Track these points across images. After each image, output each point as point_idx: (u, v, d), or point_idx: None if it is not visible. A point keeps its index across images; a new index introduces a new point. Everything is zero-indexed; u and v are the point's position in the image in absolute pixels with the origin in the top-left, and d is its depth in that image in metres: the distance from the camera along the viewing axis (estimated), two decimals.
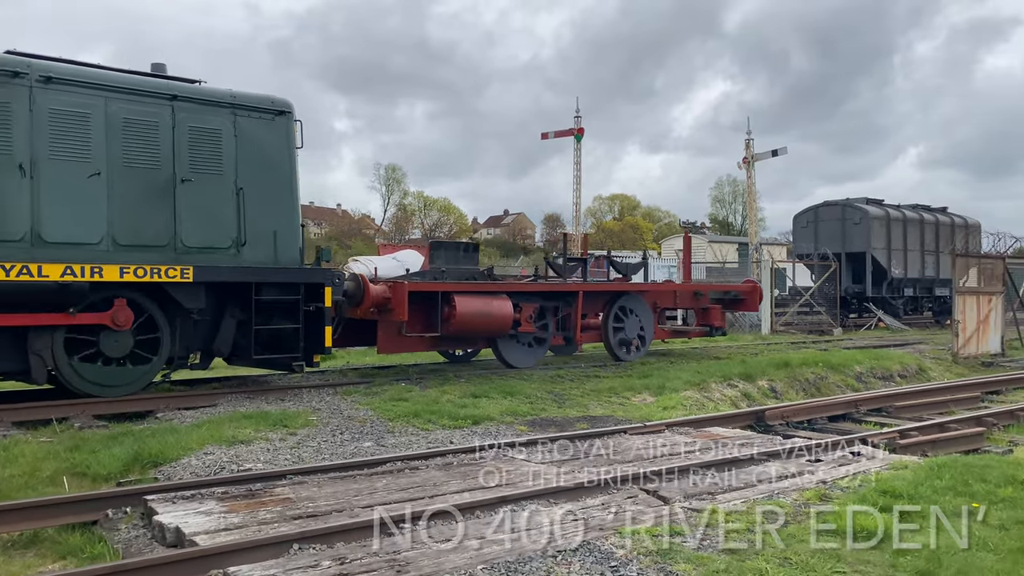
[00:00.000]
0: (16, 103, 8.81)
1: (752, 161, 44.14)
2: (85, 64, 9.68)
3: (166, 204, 9.69)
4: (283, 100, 10.84)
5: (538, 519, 5.21)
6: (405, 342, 12.35)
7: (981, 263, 18.84)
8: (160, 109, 9.74)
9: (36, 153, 8.88)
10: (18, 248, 8.68)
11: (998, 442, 9.13)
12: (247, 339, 10.27)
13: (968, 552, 4.59)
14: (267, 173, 10.48)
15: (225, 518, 5.19)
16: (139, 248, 9.46)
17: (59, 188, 9.00)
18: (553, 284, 14.57)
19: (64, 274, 8.72)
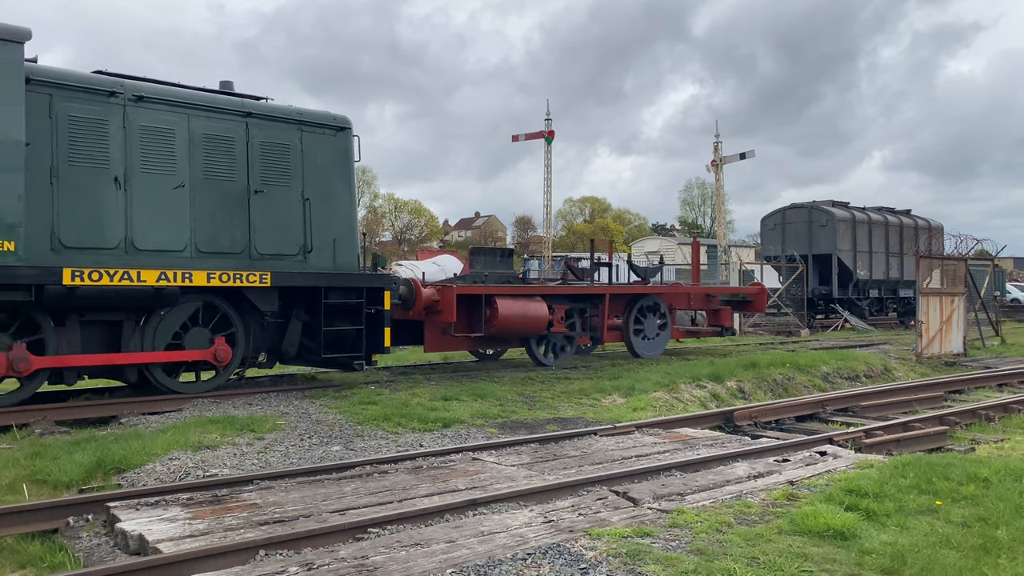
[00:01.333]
0: (112, 121, 9.49)
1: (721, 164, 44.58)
2: (169, 83, 10.38)
3: (241, 214, 10.43)
4: (343, 117, 11.64)
5: (508, 522, 5.19)
6: (450, 341, 13.26)
7: (944, 265, 19.17)
8: (235, 125, 10.49)
9: (129, 167, 9.56)
10: (113, 255, 9.37)
11: (961, 440, 9.29)
12: (311, 339, 10.96)
13: (932, 549, 4.65)
14: (329, 184, 11.25)
15: (190, 524, 5.11)
16: (218, 255, 10.17)
17: (148, 199, 9.67)
18: (583, 287, 15.22)
19: (159, 279, 9.40)
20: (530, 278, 15.82)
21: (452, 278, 14.19)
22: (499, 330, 13.09)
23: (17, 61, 8.66)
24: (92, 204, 9.31)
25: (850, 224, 28.16)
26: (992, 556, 4.60)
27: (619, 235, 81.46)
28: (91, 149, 9.35)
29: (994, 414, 10.67)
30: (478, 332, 12.99)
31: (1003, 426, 10.39)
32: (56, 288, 8.77)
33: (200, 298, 10.12)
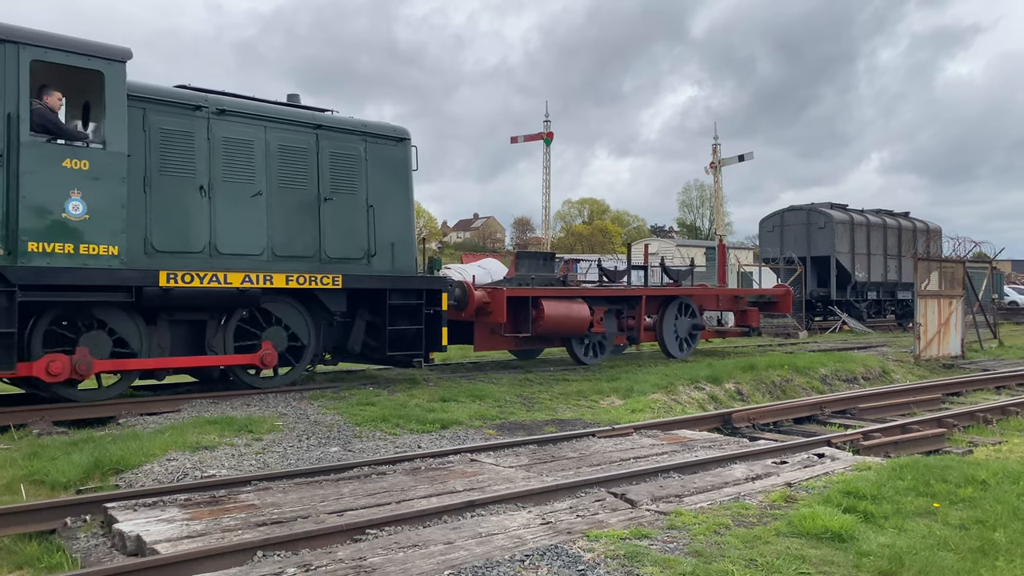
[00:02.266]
0: (197, 133, 10.11)
1: (719, 166, 44.62)
2: (247, 97, 11.00)
3: (312, 220, 11.04)
4: (403, 128, 12.28)
5: (506, 523, 5.19)
6: (499, 341, 14.00)
7: (942, 267, 19.20)
8: (307, 137, 11.12)
9: (213, 176, 10.15)
10: (199, 259, 9.97)
11: (958, 443, 9.29)
12: (372, 338, 11.58)
13: (929, 551, 4.65)
14: (390, 192, 11.86)
15: (187, 525, 5.10)
16: (292, 259, 10.77)
17: (230, 206, 10.27)
18: (622, 289, 15.96)
19: (243, 281, 10.02)
20: (569, 280, 16.32)
21: (500, 281, 14.85)
22: (544, 330, 13.69)
23: (121, 79, 9.28)
24: (180, 211, 9.91)
25: (848, 226, 28.18)
26: (990, 558, 4.60)
27: (617, 236, 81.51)
28: (179, 160, 9.95)
29: (992, 416, 10.68)
30: (525, 332, 13.59)
31: (1001, 428, 10.39)
32: (153, 289, 9.37)
33: (277, 299, 10.69)
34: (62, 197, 8.77)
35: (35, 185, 8.61)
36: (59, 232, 8.75)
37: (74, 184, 8.84)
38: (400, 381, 11.95)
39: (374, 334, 11.54)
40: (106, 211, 9.03)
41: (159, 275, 9.36)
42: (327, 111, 11.73)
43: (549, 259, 16.43)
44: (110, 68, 9.22)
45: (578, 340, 14.68)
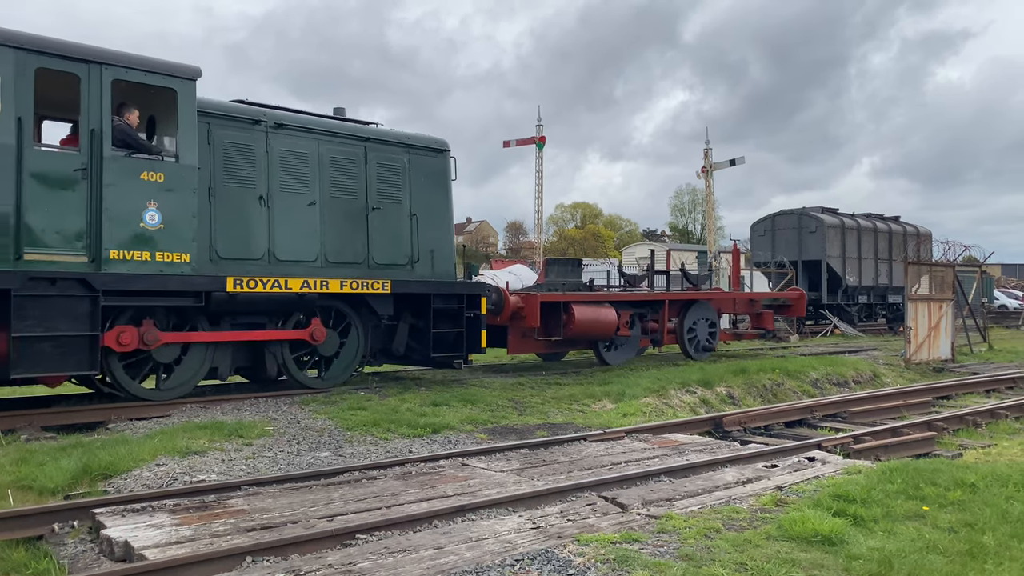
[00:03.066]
0: (257, 146, 10.67)
1: (711, 170, 44.74)
2: (300, 111, 11.63)
3: (361, 228, 11.60)
4: (443, 140, 12.89)
5: (497, 528, 5.18)
6: (531, 344, 14.60)
7: (932, 271, 19.29)
8: (356, 149, 11.69)
9: (271, 187, 10.72)
10: (259, 265, 10.52)
11: (948, 446, 9.33)
12: (416, 340, 12.16)
13: (919, 555, 4.66)
14: (431, 201, 12.45)
15: (176, 531, 5.08)
16: (343, 265, 11.32)
17: (287, 215, 10.83)
18: (647, 293, 16.67)
19: (302, 287, 10.59)
20: (596, 285, 17.10)
21: (532, 286, 15.53)
22: (575, 333, 14.22)
23: (192, 95, 9.83)
24: (242, 220, 10.45)
25: (839, 230, 28.29)
26: (979, 561, 4.62)
27: (610, 241, 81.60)
28: (241, 171, 10.50)
29: (981, 420, 10.73)
30: (557, 336, 14.12)
31: (990, 432, 10.44)
32: (220, 294, 9.91)
33: (330, 303, 11.24)
34: (140, 208, 9.31)
35: (116, 197, 9.12)
36: (137, 241, 9.28)
37: (151, 196, 9.38)
38: (391, 385, 11.92)
39: (416, 337, 12.14)
40: (179, 221, 9.59)
41: (226, 281, 9.91)
42: (372, 124, 12.36)
43: (577, 265, 17.25)
44: (182, 86, 9.76)
45: (604, 343, 15.26)
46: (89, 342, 8.78)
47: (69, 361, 8.69)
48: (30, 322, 8.42)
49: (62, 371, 8.82)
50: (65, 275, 8.73)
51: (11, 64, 8.58)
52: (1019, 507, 5.59)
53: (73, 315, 8.72)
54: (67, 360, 8.68)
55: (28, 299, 8.40)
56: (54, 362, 8.60)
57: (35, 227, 8.64)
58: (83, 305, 8.78)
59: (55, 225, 8.78)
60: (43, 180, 8.73)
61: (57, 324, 8.60)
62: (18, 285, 8.34)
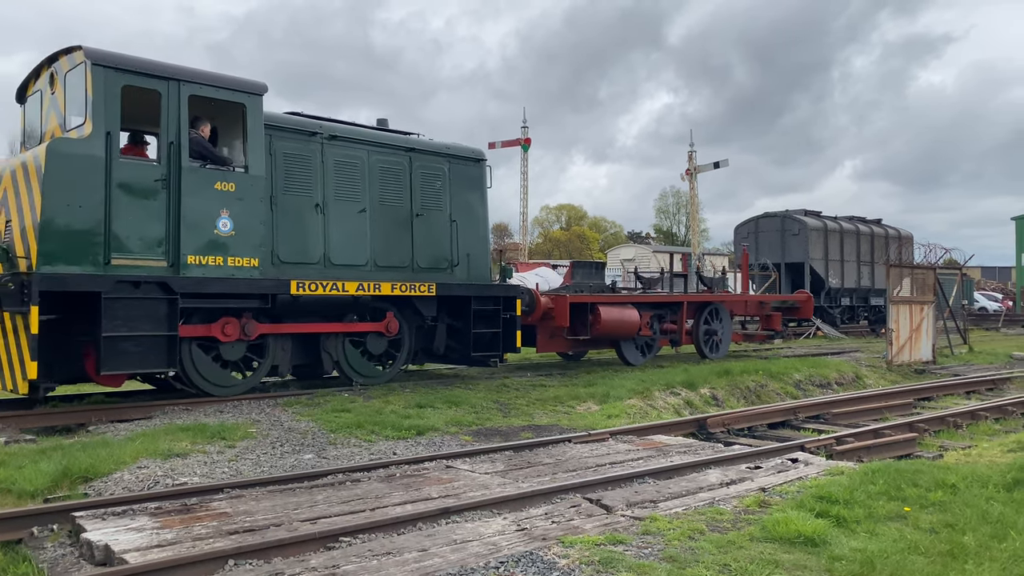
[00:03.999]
0: (313, 156, 11.34)
1: (695, 173, 44.91)
2: (350, 123, 12.33)
3: (406, 233, 12.29)
4: (479, 150, 13.75)
5: (481, 530, 5.17)
6: (559, 343, 15.31)
7: (914, 273, 19.44)
8: (402, 159, 12.40)
9: (326, 195, 11.38)
10: (316, 269, 11.15)
11: (929, 447, 9.41)
12: (454, 340, 12.91)
13: (900, 555, 4.69)
14: (469, 208, 13.20)
15: (158, 534, 5.03)
16: (390, 268, 12.01)
17: (340, 222, 11.49)
18: (667, 295, 17.46)
19: (357, 289, 11.30)
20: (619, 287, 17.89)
21: (559, 288, 16.22)
22: (601, 333, 14.86)
23: (259, 109, 10.54)
24: (300, 226, 11.09)
25: (822, 233, 28.48)
26: (959, 562, 4.65)
27: (595, 242, 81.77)
28: (299, 180, 11.14)
29: (962, 421, 10.83)
30: (584, 335, 14.77)
31: (971, 433, 10.54)
32: (285, 296, 10.60)
33: (379, 305, 11.93)
34: (214, 216, 9.94)
35: (193, 205, 9.74)
36: (211, 246, 9.91)
37: (224, 204, 10.02)
38: (375, 387, 11.88)
39: (455, 336, 12.90)
40: (248, 227, 10.25)
41: (290, 284, 10.58)
42: (413, 135, 13.10)
43: (600, 268, 18.88)
44: (251, 100, 10.42)
45: (627, 342, 15.83)
46: (168, 341, 9.38)
47: (150, 359, 9.29)
48: (116, 323, 8.97)
49: (144, 368, 9.42)
50: (147, 279, 9.30)
51: (102, 82, 9.15)
52: (999, 508, 5.64)
53: (154, 316, 9.31)
54: (148, 358, 9.27)
55: (115, 301, 8.97)
56: (137, 360, 9.19)
57: (121, 234, 9.21)
58: (163, 307, 9.39)
59: (138, 232, 9.36)
60: (128, 190, 9.31)
61: (140, 325, 9.17)
62: (107, 288, 8.91)
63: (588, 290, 16.05)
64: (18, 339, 8.80)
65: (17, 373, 8.79)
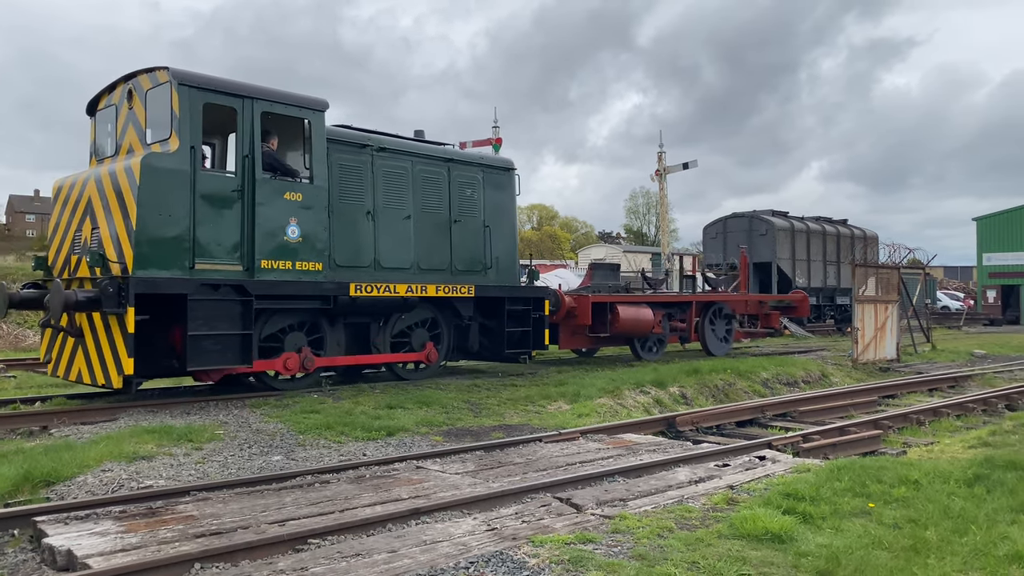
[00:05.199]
0: (364, 167, 12.14)
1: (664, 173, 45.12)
2: (395, 135, 13.15)
3: (445, 238, 13.16)
4: (509, 160, 14.76)
5: (451, 530, 5.16)
6: (580, 340, 16.39)
7: (879, 273, 19.75)
8: (441, 169, 13.27)
9: (376, 203, 12.20)
10: (367, 272, 11.93)
11: (893, 444, 9.56)
12: (486, 338, 13.87)
13: (864, 551, 4.76)
14: (500, 214, 14.12)
15: (122, 538, 4.95)
16: (432, 271, 12.85)
17: (388, 228, 12.34)
18: (678, 295, 18.69)
19: (407, 291, 12.16)
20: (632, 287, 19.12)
21: (579, 289, 17.36)
22: (619, 331, 15.94)
23: (322, 124, 11.33)
24: (353, 232, 11.85)
25: (789, 233, 28.82)
26: (922, 556, 4.74)
27: (566, 242, 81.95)
28: (352, 189, 11.91)
29: (925, 418, 11.03)
30: (604, 333, 15.82)
31: (933, 430, 10.73)
32: (344, 298, 11.36)
33: (423, 305, 12.82)
34: (284, 223, 10.72)
35: (266, 214, 10.51)
36: (281, 252, 10.66)
37: (292, 212, 10.79)
38: (345, 388, 11.80)
39: (486, 335, 13.84)
40: (313, 234, 11.03)
41: (349, 286, 11.38)
42: (446, 144, 14.06)
43: (616, 269, 19.51)
44: (315, 116, 11.21)
45: (640, 339, 16.92)
46: (242, 340, 10.09)
47: (227, 356, 10.00)
48: (199, 322, 9.68)
49: (222, 365, 10.05)
50: (226, 282, 10.04)
51: (187, 100, 9.90)
52: (960, 503, 5.76)
53: (232, 316, 10.04)
54: (226, 355, 9.98)
55: (199, 302, 9.69)
56: (217, 357, 9.91)
57: (204, 240, 9.96)
58: (239, 308, 10.12)
59: (218, 238, 10.11)
60: (209, 200, 10.05)
61: (219, 324, 9.89)
62: (192, 291, 9.65)
63: (607, 290, 17.00)
64: (111, 337, 9.42)
65: (112, 369, 9.40)
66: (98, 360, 9.66)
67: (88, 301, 9.29)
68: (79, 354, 10.03)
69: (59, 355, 10.49)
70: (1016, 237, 45.69)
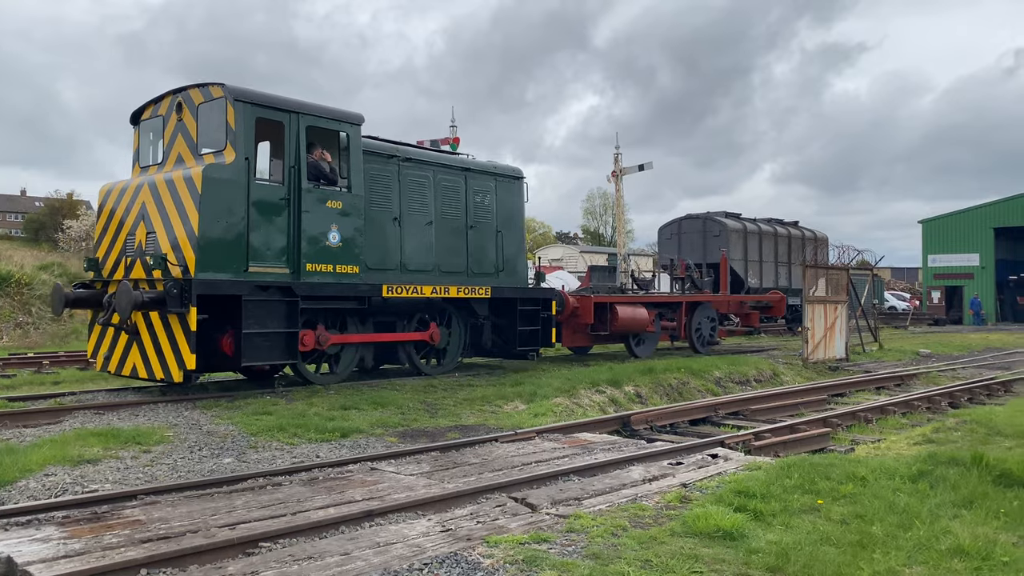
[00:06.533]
0: (391, 177, 13.04)
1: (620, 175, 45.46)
2: (418, 146, 14.52)
3: (462, 243, 14.13)
4: (519, 169, 15.66)
5: (405, 532, 5.13)
6: (581, 337, 17.56)
7: (828, 274, 20.16)
8: (459, 178, 14.24)
9: (402, 210, 13.10)
10: (394, 274, 12.81)
11: (842, 441, 9.76)
12: (498, 336, 14.86)
13: (813, 547, 4.85)
14: (510, 220, 15.13)
15: (65, 544, 4.82)
16: (451, 273, 13.80)
17: (412, 233, 13.24)
18: (667, 296, 19.77)
19: (432, 292, 13.09)
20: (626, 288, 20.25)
21: (584, 289, 18.51)
22: (618, 329, 17.08)
23: (359, 137, 12.13)
24: (382, 237, 12.72)
25: (742, 235, 29.25)
26: (868, 551, 4.84)
27: None
28: (381, 197, 12.78)
29: (872, 416, 11.27)
30: (604, 331, 17.01)
31: (880, 427, 10.97)
32: (377, 298, 12.28)
33: (445, 305, 13.86)
34: (326, 229, 11.50)
35: (310, 221, 11.29)
36: (324, 256, 11.44)
37: (333, 219, 11.58)
38: (299, 389, 11.65)
39: (499, 333, 14.80)
40: (351, 239, 11.81)
41: (382, 288, 12.25)
42: (462, 155, 15.06)
43: (612, 271, 21.00)
44: (352, 129, 12.03)
45: (635, 336, 18.01)
46: (288, 338, 10.90)
47: (275, 353, 10.80)
48: (251, 321, 10.43)
49: (271, 361, 10.93)
50: (275, 283, 10.80)
51: (242, 115, 10.63)
52: (905, 499, 5.90)
53: (280, 316, 10.82)
54: (274, 352, 10.78)
55: (252, 303, 10.45)
56: (267, 353, 10.70)
57: (256, 245, 10.70)
58: (286, 308, 10.91)
59: (268, 243, 10.85)
60: (260, 208, 10.79)
61: (268, 323, 10.66)
62: (247, 292, 10.39)
63: (606, 291, 18.22)
64: (171, 335, 10.11)
65: (172, 364, 10.06)
66: (156, 356, 10.31)
67: (152, 301, 9.90)
68: (133, 351, 10.68)
69: (109, 352, 11.12)
70: (959, 239, 47.07)
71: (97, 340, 11.40)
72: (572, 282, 19.15)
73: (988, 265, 46.06)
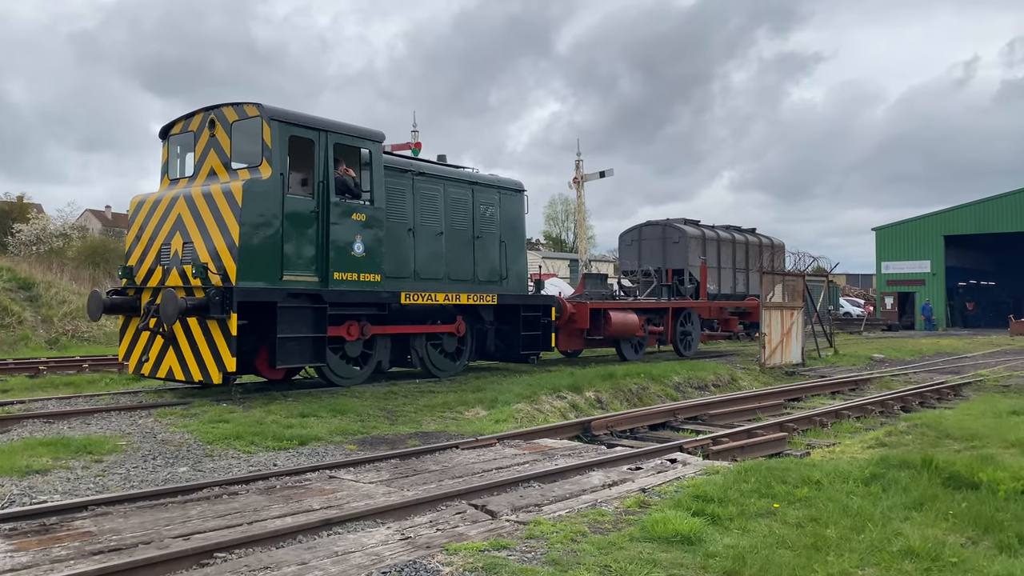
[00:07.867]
0: (406, 190, 13.83)
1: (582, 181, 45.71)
2: (429, 161, 15.37)
3: (469, 252, 14.97)
4: (520, 182, 16.65)
5: (364, 540, 5.08)
6: (576, 342, 18.69)
7: (785, 280, 20.49)
8: (466, 191, 15.09)
9: (415, 221, 13.89)
10: (409, 282, 13.56)
11: (798, 445, 9.91)
12: (501, 341, 15.67)
13: (769, 550, 4.92)
14: (512, 231, 16.04)
15: (12, 557, 4.68)
16: (459, 282, 14.61)
17: (424, 243, 14.05)
18: (657, 302, 20.90)
19: (445, 299, 14.01)
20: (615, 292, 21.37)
21: (581, 296, 19.60)
22: (611, 333, 18.25)
23: (380, 153, 12.93)
24: (398, 247, 13.43)
25: (701, 241, 29.55)
26: (822, 554, 4.92)
27: None
28: (398, 209, 13.53)
29: (827, 420, 11.47)
30: (598, 335, 18.17)
31: (835, 431, 11.17)
32: (396, 304, 13.09)
33: (455, 311, 14.60)
34: (352, 240, 12.22)
35: (338, 232, 12.00)
36: (349, 264, 12.15)
37: (357, 231, 12.32)
38: (256, 396, 11.48)
39: (502, 338, 15.64)
40: (373, 249, 12.53)
41: (401, 295, 13.05)
42: (466, 168, 15.82)
43: (604, 279, 21.97)
44: (374, 147, 12.81)
45: (626, 341, 19.11)
46: (316, 341, 11.56)
47: (306, 355, 11.52)
48: (285, 326, 11.10)
49: (301, 363, 11.61)
50: (306, 291, 11.48)
51: (277, 134, 11.30)
52: (858, 501, 6.01)
53: (309, 321, 11.49)
54: (304, 355, 11.49)
55: (285, 309, 11.12)
56: (298, 356, 11.39)
57: (289, 255, 11.39)
58: (315, 314, 11.58)
59: (299, 253, 11.53)
60: (293, 220, 11.46)
61: (299, 328, 11.33)
62: (281, 299, 11.08)
63: (600, 298, 19.30)
64: (211, 340, 10.66)
65: (212, 367, 10.63)
66: (194, 359, 10.88)
67: (195, 307, 10.42)
68: (169, 354, 11.22)
69: (143, 356, 11.64)
70: (911, 247, 48.19)
71: (130, 344, 11.86)
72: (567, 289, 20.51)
73: (939, 272, 47.23)
